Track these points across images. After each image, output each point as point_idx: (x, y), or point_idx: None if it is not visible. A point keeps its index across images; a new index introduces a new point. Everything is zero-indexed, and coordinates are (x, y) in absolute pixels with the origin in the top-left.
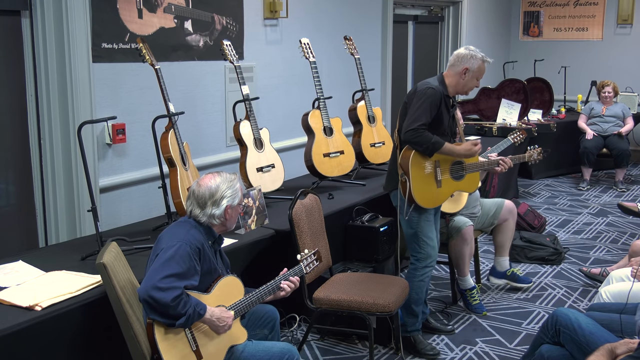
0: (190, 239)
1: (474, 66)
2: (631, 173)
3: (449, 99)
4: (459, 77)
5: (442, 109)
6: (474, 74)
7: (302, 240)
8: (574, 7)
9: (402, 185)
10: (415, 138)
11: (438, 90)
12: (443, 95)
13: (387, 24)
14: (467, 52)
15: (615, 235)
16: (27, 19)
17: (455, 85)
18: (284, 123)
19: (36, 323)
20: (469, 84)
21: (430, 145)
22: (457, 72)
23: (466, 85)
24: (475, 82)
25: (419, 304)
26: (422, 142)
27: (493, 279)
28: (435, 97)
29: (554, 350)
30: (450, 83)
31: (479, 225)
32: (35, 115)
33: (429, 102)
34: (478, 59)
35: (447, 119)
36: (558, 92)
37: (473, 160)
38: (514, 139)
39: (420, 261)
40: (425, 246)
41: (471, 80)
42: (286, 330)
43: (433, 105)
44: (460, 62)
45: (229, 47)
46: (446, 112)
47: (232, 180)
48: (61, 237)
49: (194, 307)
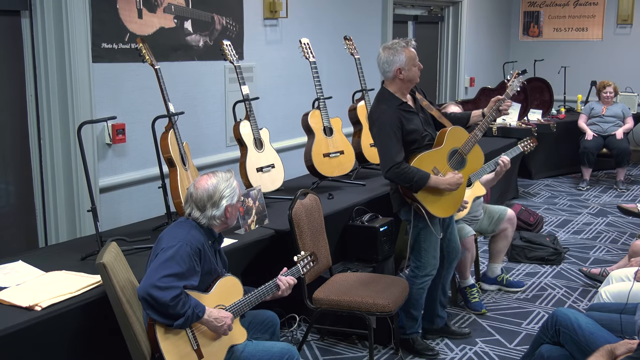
0: (190, 239)
1: (403, 60)
2: (631, 173)
3: (405, 104)
4: (398, 79)
5: (404, 121)
6: (409, 64)
7: (302, 241)
8: (573, 7)
9: (418, 210)
10: (397, 177)
11: (389, 108)
12: (396, 107)
13: (387, 24)
14: (386, 53)
15: (615, 235)
16: (27, 19)
17: (401, 88)
18: (284, 123)
19: (36, 323)
20: (411, 76)
21: (414, 183)
22: (393, 77)
23: (411, 80)
24: (416, 70)
25: (418, 309)
26: (405, 181)
27: (484, 285)
28: (392, 118)
29: (554, 350)
30: (396, 90)
31: (480, 228)
32: (35, 115)
33: (388, 129)
34: (400, 51)
35: (416, 123)
36: (558, 92)
37: (463, 140)
38: (523, 147)
39: (420, 269)
40: (426, 255)
41: (410, 71)
42: (286, 330)
43: (393, 128)
44: (389, 66)
45: (229, 47)
46: (412, 116)
47: (228, 179)
48: (61, 237)
49: (193, 308)
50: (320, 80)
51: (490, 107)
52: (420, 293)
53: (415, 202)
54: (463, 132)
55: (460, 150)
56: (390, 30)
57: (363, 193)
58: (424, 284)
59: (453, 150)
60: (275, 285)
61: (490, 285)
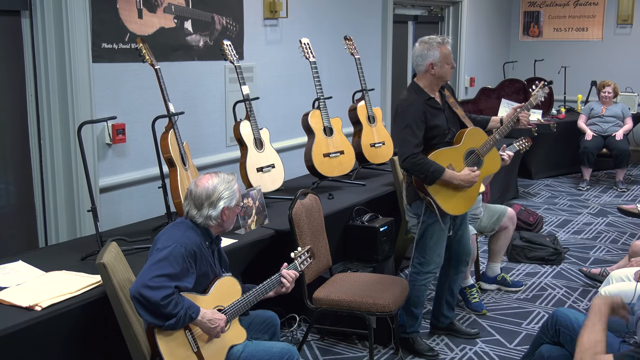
0: (185, 241)
1: (436, 56)
2: (631, 173)
3: (432, 100)
4: (429, 74)
5: (428, 116)
6: (441, 61)
7: (302, 241)
8: (573, 7)
9: (430, 205)
10: (413, 167)
11: (416, 102)
12: (423, 102)
13: (387, 24)
14: (421, 47)
15: (615, 236)
16: (27, 19)
17: (430, 84)
18: (284, 123)
19: (36, 323)
20: (442, 73)
21: (430, 174)
22: (425, 71)
23: (441, 77)
24: (448, 68)
25: (418, 307)
26: (421, 171)
27: (484, 285)
28: (416, 111)
29: (554, 350)
30: (425, 85)
31: (480, 227)
32: (35, 115)
33: (411, 121)
34: (435, 47)
35: (441, 119)
36: (558, 92)
37: (481, 141)
38: (519, 146)
39: (423, 266)
40: (431, 252)
41: (442, 68)
42: (286, 330)
43: (416, 121)
44: (422, 60)
45: (229, 47)
46: (438, 113)
47: (230, 181)
48: (61, 237)
49: (186, 309)
50: (320, 80)
51: (510, 116)
52: (422, 290)
53: (428, 197)
54: (482, 134)
55: (477, 151)
56: (390, 30)
57: (363, 193)
58: (425, 281)
59: (470, 150)
60: (278, 281)
61: (489, 285)
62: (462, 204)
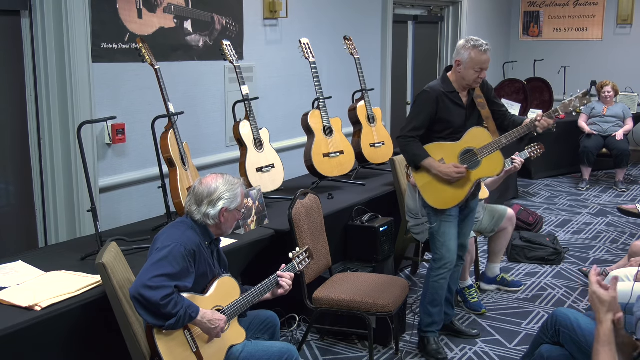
0: (185, 241)
1: (465, 57)
2: (631, 173)
3: (454, 94)
4: (456, 70)
5: (441, 107)
6: (468, 65)
7: (302, 241)
8: (573, 7)
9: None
10: (402, 146)
11: (433, 90)
12: (442, 93)
13: (387, 24)
14: (461, 43)
15: (615, 235)
16: (27, 19)
17: (457, 80)
18: (284, 123)
19: (36, 323)
20: (466, 75)
21: (412, 157)
22: (454, 67)
23: (465, 79)
24: (473, 74)
25: (435, 305)
26: (406, 151)
27: (484, 285)
28: (428, 99)
29: (554, 350)
30: (453, 79)
31: (480, 228)
32: (35, 115)
33: (420, 106)
34: (468, 48)
35: (456, 116)
36: (558, 92)
37: (483, 142)
38: (530, 153)
39: (435, 262)
40: (441, 247)
41: (467, 71)
42: (286, 330)
43: (425, 107)
44: (455, 54)
45: (228, 47)
46: (456, 108)
47: (233, 184)
48: (61, 237)
49: (186, 309)
50: (320, 80)
51: (532, 120)
52: (436, 287)
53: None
54: (486, 135)
55: (475, 151)
56: (390, 30)
57: (363, 193)
58: (439, 277)
59: (468, 149)
60: (276, 281)
61: (489, 285)
62: (443, 199)
